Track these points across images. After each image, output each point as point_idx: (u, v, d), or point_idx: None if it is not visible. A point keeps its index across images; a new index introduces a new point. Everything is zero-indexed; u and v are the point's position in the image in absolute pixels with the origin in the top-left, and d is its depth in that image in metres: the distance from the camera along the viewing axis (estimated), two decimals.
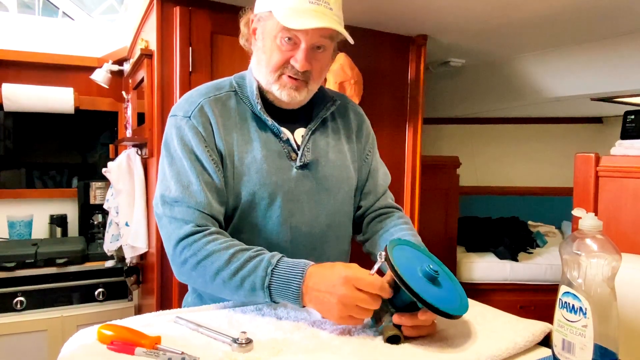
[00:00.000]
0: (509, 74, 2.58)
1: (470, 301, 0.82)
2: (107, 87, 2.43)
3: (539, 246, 2.98)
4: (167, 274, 1.72)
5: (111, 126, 2.70)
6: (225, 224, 0.97)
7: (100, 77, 2.37)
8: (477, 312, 0.88)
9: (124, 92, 2.46)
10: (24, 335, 2.03)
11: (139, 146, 2.06)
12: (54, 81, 2.48)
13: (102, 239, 2.34)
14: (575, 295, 0.65)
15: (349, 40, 0.93)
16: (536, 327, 0.78)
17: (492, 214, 3.29)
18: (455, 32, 2.09)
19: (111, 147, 2.64)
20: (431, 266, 0.77)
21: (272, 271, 0.82)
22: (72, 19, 2.80)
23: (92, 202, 2.50)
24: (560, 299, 0.68)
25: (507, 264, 2.74)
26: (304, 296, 0.80)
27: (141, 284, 2.16)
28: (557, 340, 0.68)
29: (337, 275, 0.78)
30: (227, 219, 0.97)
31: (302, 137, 1.01)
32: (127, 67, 2.41)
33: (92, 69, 2.41)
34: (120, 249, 2.10)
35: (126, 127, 2.42)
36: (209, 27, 1.74)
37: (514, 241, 2.86)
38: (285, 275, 0.81)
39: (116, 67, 2.44)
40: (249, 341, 0.71)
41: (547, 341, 0.77)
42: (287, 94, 0.96)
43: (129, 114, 2.35)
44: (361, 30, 2.04)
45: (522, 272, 2.73)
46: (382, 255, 0.78)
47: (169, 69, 1.71)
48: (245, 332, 0.72)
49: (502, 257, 2.76)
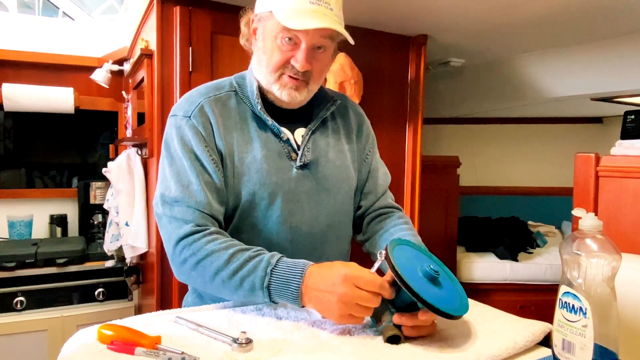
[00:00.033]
0: (509, 74, 2.58)
1: (470, 301, 0.82)
2: (107, 87, 2.43)
3: (539, 246, 2.98)
4: (167, 274, 1.72)
5: (111, 126, 2.70)
6: (225, 224, 0.97)
7: (100, 77, 2.37)
8: (477, 312, 0.88)
9: (124, 92, 2.46)
10: (24, 335, 2.03)
11: (139, 146, 2.06)
12: (54, 81, 2.48)
13: (102, 238, 2.34)
14: (575, 295, 0.65)
15: (350, 40, 0.94)
16: (536, 327, 0.78)
17: (492, 214, 3.28)
18: (455, 32, 2.09)
19: (111, 147, 2.64)
20: (431, 266, 0.77)
21: (271, 271, 0.82)
22: (72, 19, 2.80)
23: (92, 202, 2.50)
24: (560, 299, 0.68)
25: (507, 264, 2.73)
26: (303, 296, 0.80)
27: (141, 283, 2.16)
28: (557, 340, 0.68)
29: (336, 273, 0.78)
30: (227, 219, 0.97)
31: (302, 137, 1.01)
32: (127, 67, 2.41)
33: (92, 69, 2.41)
34: (120, 248, 2.10)
35: (126, 127, 2.42)
36: (209, 27, 1.74)
37: (514, 241, 2.86)
38: (284, 275, 0.81)
39: (116, 67, 2.44)
40: (249, 341, 0.71)
41: (547, 341, 0.77)
42: (287, 94, 0.96)
43: (129, 113, 2.35)
44: (361, 30, 2.04)
45: (522, 272, 2.73)
46: (382, 253, 0.78)
47: (169, 69, 1.71)
48: (245, 332, 0.72)
49: (502, 257, 2.76)
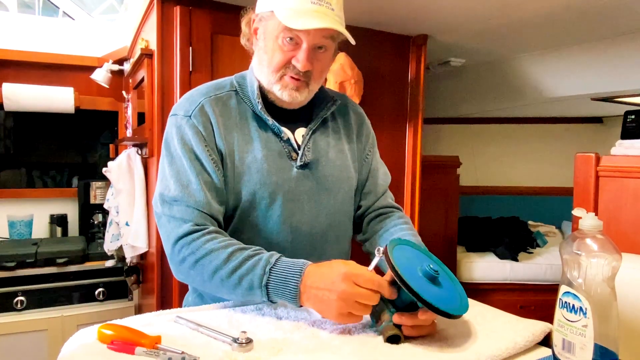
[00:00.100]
0: (509, 74, 2.58)
1: (470, 301, 0.82)
2: (107, 86, 2.43)
3: (539, 246, 2.98)
4: (167, 274, 1.72)
5: (111, 126, 2.70)
6: (225, 223, 0.97)
7: (100, 76, 2.37)
8: (477, 312, 0.88)
9: (124, 92, 2.46)
10: (24, 334, 2.03)
11: (139, 146, 2.06)
12: (54, 81, 2.48)
13: (102, 238, 2.34)
14: (575, 295, 0.65)
15: (351, 40, 0.94)
16: (536, 327, 0.78)
17: (492, 214, 3.28)
18: (455, 32, 2.09)
19: (111, 146, 2.64)
20: (431, 266, 0.77)
21: (270, 270, 0.82)
22: (73, 19, 2.80)
23: (92, 201, 2.50)
24: (560, 299, 0.68)
25: (507, 264, 2.73)
26: (302, 295, 0.80)
27: (141, 283, 2.16)
28: (557, 340, 0.68)
29: (336, 272, 0.78)
30: (227, 219, 0.97)
31: (302, 137, 1.01)
32: (127, 66, 2.41)
33: (92, 69, 2.41)
34: (120, 248, 2.10)
35: (126, 127, 2.42)
36: (209, 27, 1.74)
37: (514, 241, 2.86)
38: (283, 274, 0.81)
39: (116, 67, 2.44)
40: (249, 341, 0.71)
41: (547, 341, 0.77)
42: (288, 95, 0.96)
43: (129, 113, 2.35)
44: (361, 30, 2.04)
45: (522, 272, 2.73)
46: (379, 250, 0.78)
47: (169, 68, 1.71)
48: (245, 332, 0.72)
49: (502, 257, 2.76)
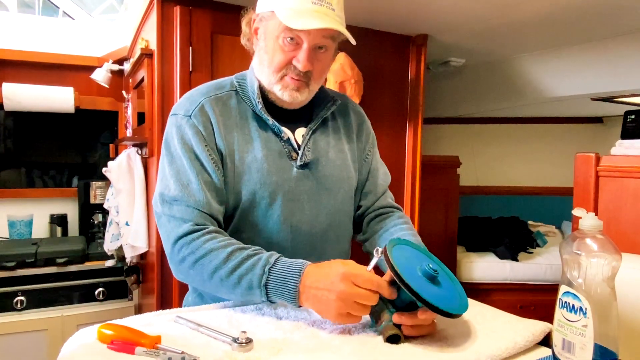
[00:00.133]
0: (509, 74, 2.58)
1: (470, 301, 0.82)
2: (107, 86, 2.43)
3: (539, 246, 2.98)
4: (167, 274, 1.72)
5: (111, 126, 2.70)
6: (225, 223, 0.97)
7: (100, 76, 2.37)
8: (477, 312, 0.88)
9: (124, 92, 2.46)
10: (24, 334, 2.03)
11: (139, 146, 2.06)
12: (54, 81, 2.48)
13: (102, 238, 2.34)
14: (575, 295, 0.65)
15: (352, 41, 0.94)
16: (536, 327, 0.78)
17: (492, 214, 3.28)
18: (455, 32, 2.09)
19: (111, 146, 2.64)
20: (431, 265, 0.77)
21: (269, 270, 0.82)
22: (73, 19, 2.80)
23: (92, 201, 2.50)
24: (560, 299, 0.68)
25: (507, 264, 2.73)
26: (301, 295, 0.80)
27: (141, 283, 2.16)
28: (557, 340, 0.68)
29: (335, 272, 0.78)
30: (227, 219, 0.97)
31: (302, 137, 1.01)
32: (127, 66, 2.41)
33: (92, 69, 2.41)
34: (120, 248, 2.10)
35: (126, 127, 2.42)
36: (209, 27, 1.74)
37: (514, 241, 2.86)
38: (282, 274, 0.81)
39: (116, 67, 2.44)
40: (249, 341, 0.71)
41: (547, 341, 0.77)
42: (288, 95, 0.96)
43: (129, 113, 2.35)
44: (362, 30, 2.04)
45: (522, 272, 2.73)
46: (378, 250, 0.78)
47: (169, 68, 1.71)
48: (245, 332, 0.72)
49: (502, 257, 2.76)
